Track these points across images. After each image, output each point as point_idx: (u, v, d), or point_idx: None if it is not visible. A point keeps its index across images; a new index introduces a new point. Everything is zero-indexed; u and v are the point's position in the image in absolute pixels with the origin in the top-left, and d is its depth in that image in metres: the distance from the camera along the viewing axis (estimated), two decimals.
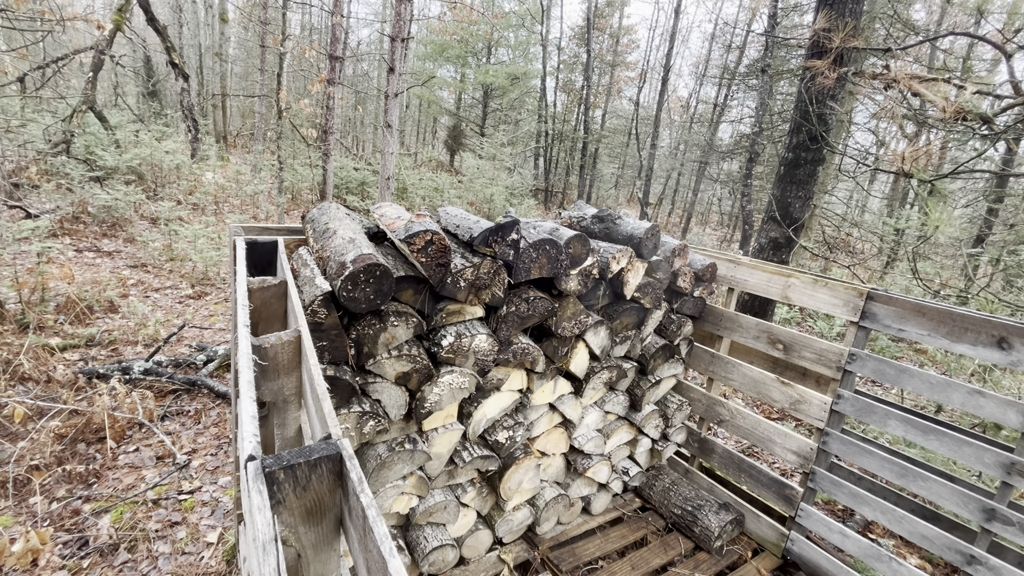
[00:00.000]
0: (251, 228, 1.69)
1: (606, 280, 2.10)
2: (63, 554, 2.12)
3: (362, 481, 0.66)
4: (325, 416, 0.79)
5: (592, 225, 2.37)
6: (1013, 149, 5.15)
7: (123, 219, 6.47)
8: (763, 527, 2.46)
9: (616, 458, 2.59)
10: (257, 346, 1.02)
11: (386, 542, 0.56)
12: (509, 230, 1.66)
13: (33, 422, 2.77)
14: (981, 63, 8.31)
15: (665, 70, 14.75)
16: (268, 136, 12.62)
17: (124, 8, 7.65)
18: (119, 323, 4.19)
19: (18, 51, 7.03)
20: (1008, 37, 3.04)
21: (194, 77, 15.71)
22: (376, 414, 1.56)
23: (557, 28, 31.90)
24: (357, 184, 10.43)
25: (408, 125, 23.62)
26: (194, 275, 5.47)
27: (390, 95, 5.29)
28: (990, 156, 5.82)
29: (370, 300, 1.41)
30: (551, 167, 20.18)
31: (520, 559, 2.22)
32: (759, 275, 2.42)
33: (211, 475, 2.72)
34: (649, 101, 25.43)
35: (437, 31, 14.53)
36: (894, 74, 3.04)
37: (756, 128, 9.93)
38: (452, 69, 19.20)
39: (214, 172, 8.93)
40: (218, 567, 2.17)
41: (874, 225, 10.46)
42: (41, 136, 6.95)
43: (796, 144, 4.62)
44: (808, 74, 4.30)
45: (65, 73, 10.88)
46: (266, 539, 0.54)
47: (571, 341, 2.06)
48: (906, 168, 3.15)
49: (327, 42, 13.70)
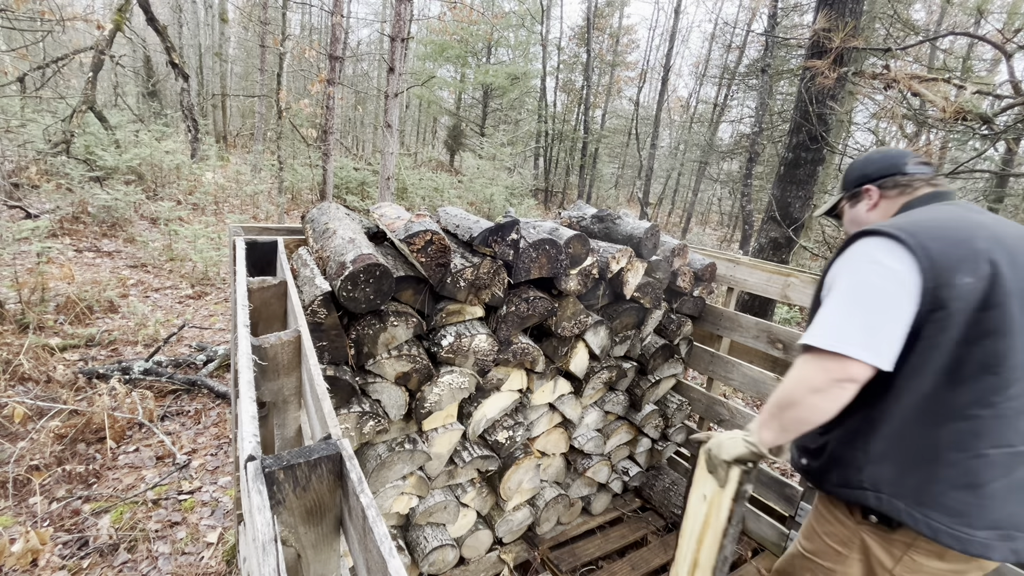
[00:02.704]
0: (251, 228, 1.69)
1: (606, 280, 2.10)
2: (63, 554, 2.12)
3: (362, 481, 0.66)
4: (325, 416, 0.79)
5: (592, 225, 2.37)
6: (1013, 149, 5.15)
7: (123, 219, 6.47)
8: (763, 526, 2.46)
9: (616, 458, 2.59)
10: (257, 346, 1.02)
11: (386, 542, 0.56)
12: (509, 230, 1.66)
13: (33, 422, 2.77)
14: (981, 63, 8.31)
15: (665, 70, 14.76)
16: (268, 136, 12.62)
17: (124, 8, 7.65)
18: (119, 323, 4.19)
19: (18, 51, 7.03)
20: (1008, 37, 3.04)
21: (194, 77, 15.70)
22: (376, 414, 1.56)
23: (557, 28, 31.91)
24: (357, 184, 10.43)
25: (408, 125, 23.62)
26: (194, 275, 5.47)
27: (390, 95, 5.29)
28: (990, 156, 5.82)
29: (370, 300, 1.41)
30: (551, 167, 20.18)
31: (520, 559, 2.22)
32: (759, 275, 2.42)
33: (211, 475, 2.72)
34: (649, 101, 25.43)
35: (437, 31, 14.53)
36: (894, 74, 3.04)
37: (756, 128, 9.93)
38: (452, 69, 19.20)
39: (214, 172, 8.93)
40: (218, 567, 2.17)
41: None
42: (41, 136, 6.94)
43: (796, 144, 4.61)
44: (808, 74, 4.30)
45: (65, 73, 10.88)
46: (266, 539, 0.54)
47: (571, 341, 2.06)
48: None
49: (327, 42, 13.71)
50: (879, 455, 1.03)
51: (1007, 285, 0.93)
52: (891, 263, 0.97)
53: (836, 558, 1.14)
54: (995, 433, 0.94)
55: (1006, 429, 0.94)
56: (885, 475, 1.02)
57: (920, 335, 0.96)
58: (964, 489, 0.95)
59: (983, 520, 0.94)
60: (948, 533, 0.95)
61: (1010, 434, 0.94)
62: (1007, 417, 0.93)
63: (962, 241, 0.96)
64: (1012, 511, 0.94)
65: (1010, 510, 0.94)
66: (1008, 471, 0.94)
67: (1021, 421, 0.94)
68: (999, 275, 0.93)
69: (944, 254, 0.94)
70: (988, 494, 0.94)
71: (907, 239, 0.96)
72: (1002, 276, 0.93)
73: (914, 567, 1.02)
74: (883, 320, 0.95)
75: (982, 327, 0.93)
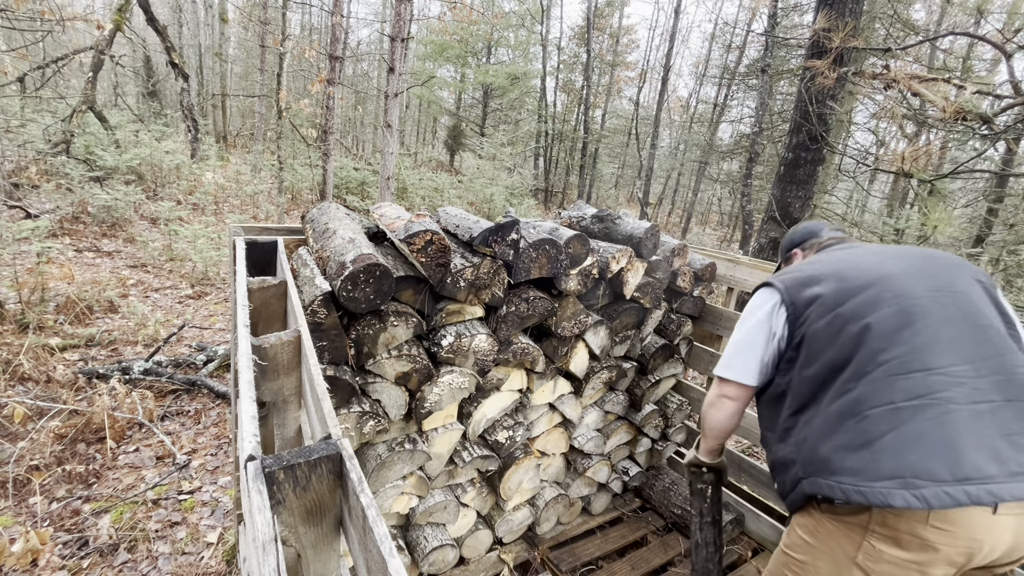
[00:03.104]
0: (251, 228, 1.69)
1: (606, 280, 2.10)
2: (63, 554, 2.12)
3: (362, 481, 0.66)
4: (325, 416, 0.79)
5: (592, 225, 2.37)
6: (1013, 149, 5.15)
7: (123, 219, 6.47)
8: (763, 527, 2.46)
9: (616, 458, 2.59)
10: (257, 346, 1.02)
11: (386, 542, 0.56)
12: (509, 230, 1.66)
13: (33, 422, 2.77)
14: (981, 63, 8.32)
15: (665, 70, 14.76)
16: (268, 136, 12.61)
17: (124, 8, 7.65)
18: (119, 323, 4.19)
19: (18, 51, 7.03)
20: (1008, 37, 3.03)
21: (194, 77, 15.70)
22: (376, 414, 1.56)
23: (557, 28, 31.90)
24: (357, 184, 10.43)
25: (408, 125, 23.61)
26: (194, 275, 5.47)
27: (390, 95, 5.29)
28: (990, 156, 5.82)
29: (370, 300, 1.41)
30: (551, 167, 20.18)
31: (520, 559, 2.22)
32: (758, 274, 2.42)
33: (211, 475, 2.72)
34: (649, 101, 25.43)
35: (437, 31, 14.53)
36: (894, 74, 3.04)
37: (756, 128, 9.93)
38: (452, 69, 19.20)
39: (214, 172, 8.92)
40: (218, 567, 2.17)
41: (874, 225, 10.45)
42: (41, 136, 6.94)
43: (796, 144, 4.61)
44: (808, 74, 4.30)
45: (65, 73, 10.88)
46: (266, 539, 0.54)
47: (571, 341, 2.06)
48: (906, 168, 3.15)
49: (327, 42, 13.70)
50: (801, 445, 1.18)
51: (851, 284, 1.19)
52: (762, 303, 1.36)
53: (805, 549, 1.20)
54: (873, 396, 1.07)
55: (882, 391, 1.06)
56: (809, 459, 1.15)
57: (803, 342, 1.23)
58: (860, 449, 1.05)
59: (879, 472, 1.02)
60: (854, 490, 1.03)
61: (887, 394, 1.05)
62: (880, 380, 1.07)
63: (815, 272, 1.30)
64: (909, 461, 1.00)
65: (905, 460, 1.00)
66: (894, 425, 1.03)
67: (898, 381, 1.05)
68: (844, 282, 1.21)
69: (798, 281, 1.30)
70: (880, 448, 1.03)
71: (775, 282, 1.35)
72: (848, 275, 1.22)
73: (875, 555, 1.06)
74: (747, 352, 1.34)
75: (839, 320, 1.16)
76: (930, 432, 1.00)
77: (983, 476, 0.95)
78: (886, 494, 0.99)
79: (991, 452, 0.97)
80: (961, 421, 0.99)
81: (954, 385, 1.02)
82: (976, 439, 0.98)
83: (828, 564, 1.14)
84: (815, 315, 1.21)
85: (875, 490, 1.00)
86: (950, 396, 1.01)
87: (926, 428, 1.00)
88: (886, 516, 1.03)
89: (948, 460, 0.97)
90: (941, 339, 1.07)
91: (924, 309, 1.10)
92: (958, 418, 1.00)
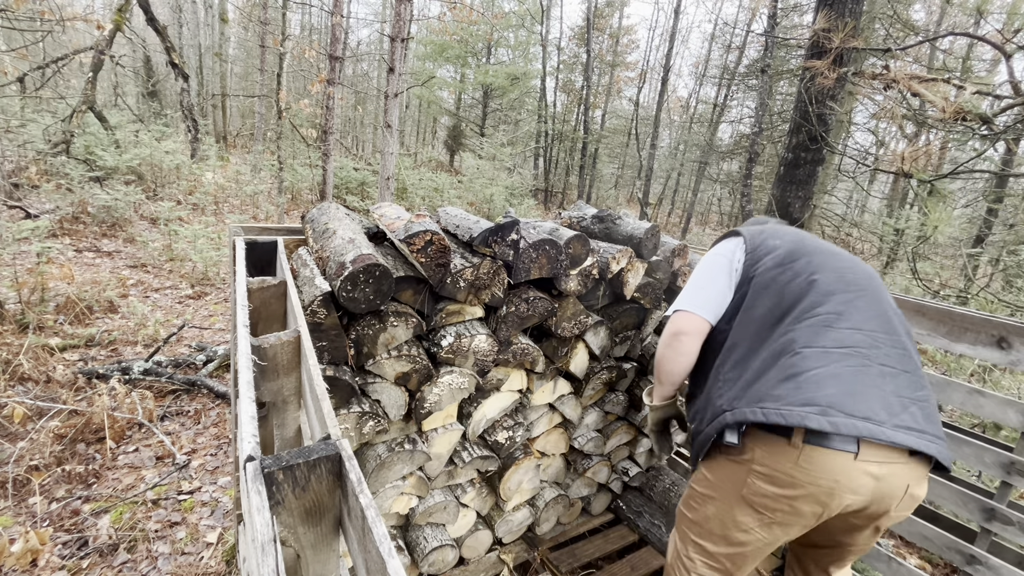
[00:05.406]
0: (251, 228, 1.69)
1: (606, 280, 2.10)
2: (63, 554, 2.12)
3: (361, 482, 0.66)
4: (324, 416, 0.79)
5: (592, 225, 2.37)
6: (1013, 149, 5.15)
7: (123, 219, 6.47)
8: None
9: (616, 458, 2.59)
10: (256, 346, 1.02)
11: (385, 542, 0.56)
12: (509, 230, 1.66)
13: (33, 422, 2.77)
14: (981, 63, 8.32)
15: (665, 70, 14.76)
16: (268, 136, 12.62)
17: (124, 8, 7.65)
18: (119, 323, 4.19)
19: (18, 51, 7.03)
20: (1007, 37, 3.03)
21: (194, 77, 15.70)
22: (376, 414, 1.56)
23: (557, 28, 31.89)
24: (357, 184, 10.43)
25: (408, 125, 23.61)
26: (194, 275, 5.47)
27: (390, 95, 5.29)
28: (990, 156, 5.82)
29: (370, 300, 1.41)
30: (551, 167, 20.18)
31: (520, 559, 2.22)
32: None
33: (211, 475, 2.72)
34: (649, 101, 25.42)
35: (437, 31, 14.54)
36: (894, 74, 3.04)
37: (756, 128, 9.93)
38: (452, 69, 19.20)
39: (214, 172, 8.93)
40: (218, 567, 2.17)
41: (874, 225, 10.46)
42: (41, 136, 6.94)
43: (796, 144, 4.62)
44: (808, 74, 4.30)
45: (65, 73, 10.88)
46: (265, 539, 0.54)
47: (571, 341, 2.06)
48: (906, 168, 3.15)
49: (327, 42, 13.70)
50: (731, 380, 1.31)
51: (805, 248, 1.39)
52: (725, 247, 1.50)
53: (706, 484, 1.38)
54: (809, 338, 1.23)
55: (817, 335, 1.23)
56: (740, 394, 1.27)
57: (752, 282, 1.37)
58: (787, 380, 1.20)
59: (800, 398, 1.17)
60: (776, 412, 1.17)
61: (820, 339, 1.22)
62: (817, 326, 1.24)
63: (776, 232, 1.48)
64: (828, 392, 1.16)
65: (826, 391, 1.16)
66: (822, 364, 1.19)
67: (831, 332, 1.23)
68: (799, 245, 1.40)
69: (761, 232, 1.48)
70: (805, 380, 1.18)
71: (741, 230, 1.55)
72: (803, 242, 1.42)
73: (756, 489, 1.24)
74: (708, 288, 1.45)
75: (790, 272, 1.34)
76: (848, 376, 1.18)
77: (877, 420, 1.14)
78: (804, 416, 1.14)
79: (886, 405, 1.17)
80: (873, 375, 1.19)
81: (873, 347, 1.22)
82: (879, 392, 1.18)
83: (722, 496, 1.34)
84: (771, 263, 1.38)
85: (795, 412, 1.16)
86: (868, 354, 1.21)
87: (846, 372, 1.18)
88: (764, 456, 1.22)
89: (857, 400, 1.16)
90: (867, 310, 1.28)
91: (857, 284, 1.33)
92: (871, 372, 1.19)
